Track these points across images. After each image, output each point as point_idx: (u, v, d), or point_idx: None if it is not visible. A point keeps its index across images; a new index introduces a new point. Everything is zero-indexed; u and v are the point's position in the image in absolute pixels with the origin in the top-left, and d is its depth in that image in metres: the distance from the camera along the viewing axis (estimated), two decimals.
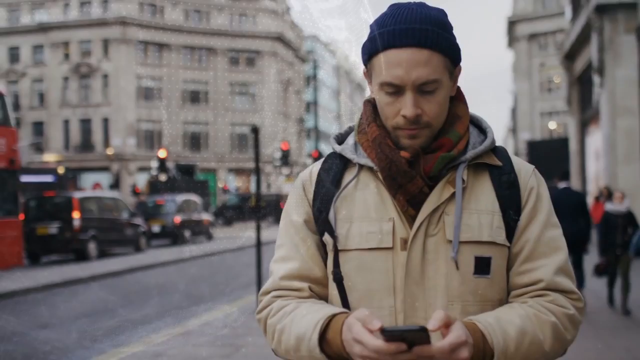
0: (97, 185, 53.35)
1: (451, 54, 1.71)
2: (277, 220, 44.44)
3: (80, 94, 62.78)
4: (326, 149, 79.33)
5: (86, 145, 62.05)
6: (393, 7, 1.73)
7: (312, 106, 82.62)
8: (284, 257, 1.81)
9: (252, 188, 66.38)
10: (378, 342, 1.45)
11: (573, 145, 26.53)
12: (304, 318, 1.67)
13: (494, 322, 1.62)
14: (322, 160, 1.88)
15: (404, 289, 1.69)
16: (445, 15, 1.72)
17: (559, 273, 1.72)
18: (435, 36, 1.66)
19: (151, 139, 64.30)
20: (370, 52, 1.73)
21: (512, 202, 1.75)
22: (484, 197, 1.74)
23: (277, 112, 69.54)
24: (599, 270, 10.41)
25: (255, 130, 11.17)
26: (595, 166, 22.67)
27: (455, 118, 1.78)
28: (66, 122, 62.69)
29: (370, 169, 1.77)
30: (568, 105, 27.22)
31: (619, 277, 10.30)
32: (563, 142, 29.15)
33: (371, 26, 1.75)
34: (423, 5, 1.72)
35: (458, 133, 1.75)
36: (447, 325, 1.49)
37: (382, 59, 1.68)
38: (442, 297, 1.68)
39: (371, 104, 1.83)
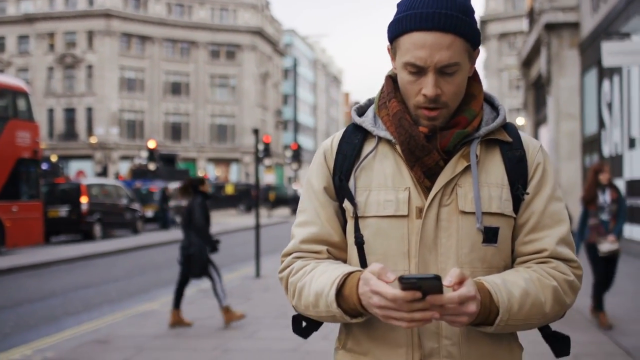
0: (80, 173, 55.01)
1: (472, 39, 1.77)
2: (249, 207, 46.81)
3: (64, 84, 64.45)
4: (304, 140, 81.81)
5: (70, 133, 63.78)
6: None
7: (289, 99, 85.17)
8: (305, 222, 1.89)
9: (231, 177, 68.82)
10: (395, 291, 1.54)
11: None
12: (322, 276, 1.75)
13: (501, 282, 1.70)
14: (342, 130, 1.95)
15: (418, 254, 1.76)
16: (469, 1, 1.79)
17: (561, 243, 1.81)
18: (459, 22, 1.72)
19: (133, 129, 66.33)
20: (396, 32, 1.78)
21: (520, 176, 1.82)
22: (494, 171, 1.82)
23: (256, 104, 71.87)
24: None
25: (255, 132, 13.80)
26: None
27: (471, 97, 1.85)
28: (51, 111, 64.31)
29: (388, 141, 1.84)
30: (524, 108, 30.11)
31: None
32: None
33: (399, 5, 1.80)
34: None
35: (473, 111, 1.83)
36: (460, 282, 1.59)
37: (408, 40, 1.74)
38: (453, 263, 1.76)
39: (392, 79, 1.90)
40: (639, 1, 14.87)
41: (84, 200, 23.51)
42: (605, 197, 8.40)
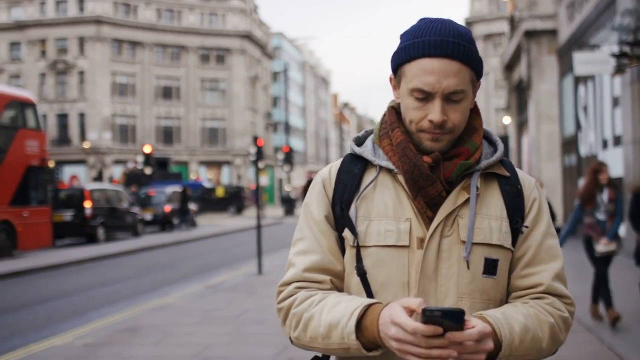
0: (74, 178, 55.97)
1: (477, 69, 1.81)
2: (239, 210, 48.30)
3: (57, 90, 65.27)
4: (294, 142, 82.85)
5: (63, 139, 64.55)
6: (425, 20, 1.84)
7: (279, 101, 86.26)
8: (306, 250, 1.87)
9: (223, 180, 69.85)
10: (416, 323, 1.53)
11: (512, 144, 30.68)
12: (337, 306, 1.73)
13: (502, 317, 1.71)
14: (339, 160, 1.97)
15: (418, 285, 1.78)
16: (471, 32, 1.83)
17: (557, 279, 1.85)
18: (466, 50, 1.77)
19: (126, 133, 67.30)
20: (402, 59, 1.82)
21: (518, 210, 1.86)
22: (493, 204, 1.85)
23: (246, 107, 72.95)
24: None
25: (255, 139, 14.91)
26: (528, 162, 26.74)
27: (473, 130, 1.88)
28: (43, 117, 64.25)
29: (389, 171, 1.87)
30: (507, 110, 31.37)
31: None
32: (504, 140, 33.24)
33: (402, 36, 1.85)
34: (452, 21, 1.83)
35: (475, 143, 1.86)
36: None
37: (415, 66, 1.78)
38: (453, 294, 1.78)
39: (395, 110, 1.93)
40: (608, 14, 16.07)
41: (87, 204, 24.59)
42: (603, 197, 8.47)
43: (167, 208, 32.38)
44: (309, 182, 10.65)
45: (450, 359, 1.55)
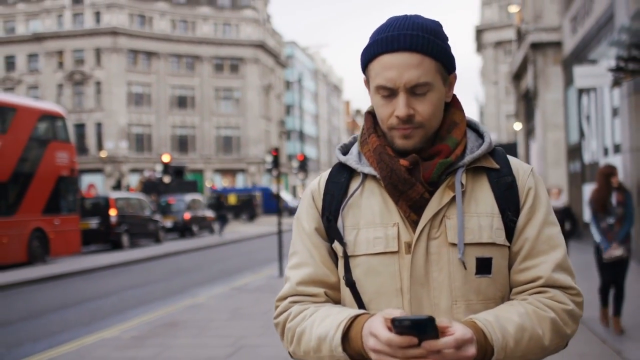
0: (91, 186, 57.10)
1: (443, 60, 1.75)
2: (251, 217, 49.12)
3: (74, 100, 66.63)
4: (307, 150, 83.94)
5: (80, 148, 65.51)
6: (391, 19, 1.79)
7: (292, 109, 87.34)
8: (299, 264, 1.86)
9: (238, 187, 70.90)
10: (390, 334, 1.49)
11: (521, 150, 31.61)
12: (326, 319, 1.71)
13: (493, 320, 1.65)
14: (329, 170, 1.94)
15: (410, 291, 1.73)
16: (440, 26, 1.78)
17: (558, 270, 1.76)
18: (427, 42, 1.71)
19: (142, 142, 68.59)
20: (366, 58, 1.78)
21: (511, 203, 1.78)
22: (482, 199, 1.78)
23: (260, 115, 74.11)
24: None
25: (276, 150, 15.93)
26: (536, 168, 27.65)
27: (452, 125, 1.81)
28: None
29: (374, 177, 1.81)
30: (516, 117, 32.32)
31: None
32: (513, 147, 34.13)
33: (370, 37, 1.80)
34: (418, 15, 1.79)
35: (455, 139, 1.79)
36: (444, 329, 1.52)
37: (377, 64, 1.74)
38: (447, 297, 1.73)
39: (372, 115, 1.89)
40: (608, 28, 17.00)
41: (112, 212, 25.71)
42: (612, 201, 8.24)
43: (187, 215, 33.52)
44: None
45: None
